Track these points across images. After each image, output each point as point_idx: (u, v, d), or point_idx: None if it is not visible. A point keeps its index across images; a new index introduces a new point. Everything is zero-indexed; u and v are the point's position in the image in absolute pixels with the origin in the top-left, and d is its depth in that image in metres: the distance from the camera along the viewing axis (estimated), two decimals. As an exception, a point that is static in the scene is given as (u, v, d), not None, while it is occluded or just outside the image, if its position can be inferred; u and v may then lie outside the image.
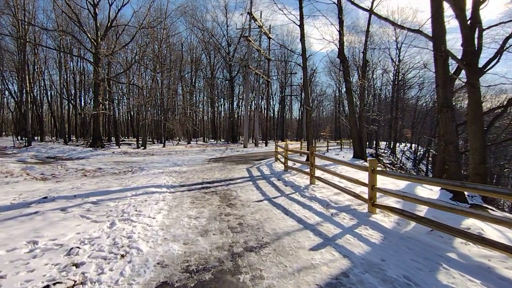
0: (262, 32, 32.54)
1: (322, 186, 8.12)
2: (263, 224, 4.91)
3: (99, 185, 7.95)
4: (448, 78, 7.44)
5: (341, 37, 16.76)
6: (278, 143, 15.01)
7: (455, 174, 7.12)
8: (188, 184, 8.55)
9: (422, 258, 3.73)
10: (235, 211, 5.68)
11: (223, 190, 7.77)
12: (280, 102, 59.16)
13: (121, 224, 4.55)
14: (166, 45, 33.51)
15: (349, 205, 6.22)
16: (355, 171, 10.62)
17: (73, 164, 12.84)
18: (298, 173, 10.50)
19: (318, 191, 7.68)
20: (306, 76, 13.29)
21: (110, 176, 9.92)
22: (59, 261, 3.25)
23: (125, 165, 13.12)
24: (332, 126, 62.90)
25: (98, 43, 23.51)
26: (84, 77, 39.15)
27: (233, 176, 10.20)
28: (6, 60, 36.32)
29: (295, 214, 5.59)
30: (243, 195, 7.18)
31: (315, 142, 29.45)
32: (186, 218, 5.07)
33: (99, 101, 23.83)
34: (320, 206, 6.23)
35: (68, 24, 30.32)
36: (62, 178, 9.41)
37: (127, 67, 28.31)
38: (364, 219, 5.31)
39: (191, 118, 43.28)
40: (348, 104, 17.06)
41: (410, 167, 38.95)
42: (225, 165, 13.52)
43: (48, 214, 4.94)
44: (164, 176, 9.68)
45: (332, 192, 7.41)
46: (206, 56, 45.69)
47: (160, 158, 16.72)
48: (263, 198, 6.87)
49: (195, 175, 10.21)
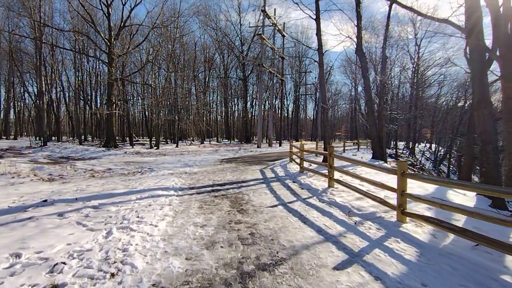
0: (276, 30, 31.90)
1: (342, 189, 7.46)
2: (278, 234, 4.32)
3: (104, 187, 7.56)
4: (485, 72, 6.65)
5: (359, 32, 15.96)
6: (292, 143, 14.39)
7: (494, 178, 6.33)
8: (198, 186, 8.06)
9: (473, 283, 3.05)
10: (247, 218, 5.12)
11: (234, 193, 7.23)
12: (294, 102, 58.36)
13: (119, 233, 4.06)
14: (180, 45, 33.39)
15: (374, 212, 5.55)
16: (376, 173, 9.88)
17: (84, 165, 12.61)
18: (314, 175, 9.87)
19: (337, 195, 7.03)
20: (322, 72, 12.61)
21: (118, 177, 9.56)
22: (38, 280, 2.77)
23: (135, 166, 12.80)
24: (347, 126, 61.58)
25: (111, 43, 23.49)
26: (100, 78, 39.58)
27: (246, 178, 9.65)
28: (25, 63, 37.21)
29: (314, 222, 4.97)
30: (256, 199, 6.62)
31: (330, 142, 28.59)
32: (192, 226, 4.55)
33: (113, 101, 23.81)
34: (342, 213, 5.59)
35: (83, 25, 30.60)
36: (69, 179, 9.11)
37: (141, 67, 28.27)
38: (393, 229, 4.64)
39: (204, 118, 43.13)
40: (366, 102, 16.23)
41: (430, 167, 37.45)
42: (238, 166, 13.00)
43: (43, 220, 4.52)
44: (173, 178, 9.23)
45: (354, 197, 6.75)
46: (219, 55, 45.45)
47: (171, 159, 16.38)
48: (278, 203, 6.28)
49: (206, 177, 9.73)
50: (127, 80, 27.96)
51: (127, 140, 35.05)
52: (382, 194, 6.75)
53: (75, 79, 35.26)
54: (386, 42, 16.60)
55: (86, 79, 38.81)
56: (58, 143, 28.70)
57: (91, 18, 23.13)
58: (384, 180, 8.05)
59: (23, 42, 36.98)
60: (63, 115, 48.09)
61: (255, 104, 48.40)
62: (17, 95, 42.46)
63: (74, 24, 30.29)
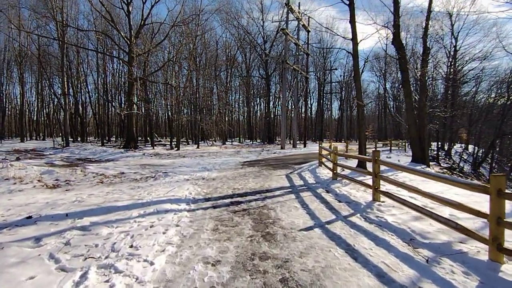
0: (301, 25, 30.34)
1: (390, 204, 5.99)
2: (322, 282, 2.98)
3: (107, 197, 6.53)
4: None
5: (396, 20, 14.21)
6: (322, 145, 12.96)
7: None
8: (215, 197, 6.85)
9: None
10: (275, 249, 3.82)
11: (257, 207, 5.96)
12: (318, 101, 56.36)
13: (97, 277, 2.89)
14: (201, 43, 32.65)
15: (447, 242, 4.07)
16: (423, 180, 8.30)
17: (97, 168, 11.82)
18: (350, 183, 8.42)
19: (387, 212, 5.58)
20: (357, 64, 11.04)
21: (127, 183, 8.57)
22: None
23: (150, 169, 11.86)
24: (374, 126, 58.62)
25: (131, 41, 22.97)
26: (122, 78, 39.75)
27: (270, 185, 8.36)
28: (53, 65, 37.93)
29: (369, 258, 3.59)
30: (285, 216, 5.31)
31: (347, 142, 26.69)
32: (201, 264, 3.31)
33: (133, 101, 23.28)
34: (401, 241, 4.16)
35: (106, 26, 30.51)
36: (75, 185, 8.22)
37: (161, 66, 27.72)
38: (490, 275, 3.17)
39: (226, 118, 42.27)
40: (405, 99, 14.43)
41: (469, 170, 34.50)
42: (261, 170, 11.74)
43: (8, 250, 3.46)
44: (187, 185, 8.11)
45: (409, 216, 5.28)
46: (241, 54, 44.45)
47: (190, 161, 15.39)
48: (313, 224, 4.94)
49: (225, 184, 8.53)
50: (147, 79, 27.48)
51: (150, 141, 34.78)
52: (447, 213, 5.25)
53: (98, 80, 35.47)
54: (427, 30, 14.69)
55: (110, 80, 39.04)
56: (81, 144, 28.74)
57: (111, 16, 22.71)
58: (438, 191, 6.50)
59: (51, 45, 37.84)
60: (90, 115, 48.96)
61: (278, 104, 46.99)
62: (46, 97, 43.58)
63: (97, 25, 30.30)
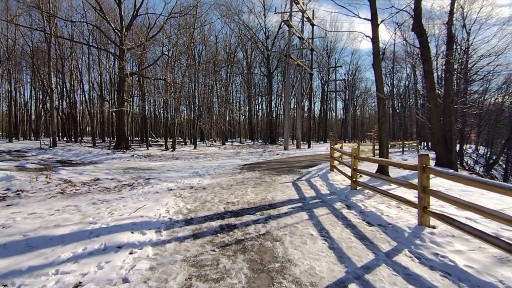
0: (305, 18, 28.51)
1: (447, 231, 4.16)
2: None
3: (50, 219, 4.73)
4: None
5: (417, 3, 12.42)
6: (333, 146, 11.14)
7: None
8: (200, 217, 5.04)
9: None
10: None
11: (257, 236, 4.15)
12: (321, 100, 54.52)
13: None
14: (200, 37, 30.85)
15: None
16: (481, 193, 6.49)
17: (70, 172, 10.02)
18: (375, 194, 6.55)
19: (448, 246, 3.77)
20: (378, 50, 9.18)
21: (93, 195, 6.76)
22: None
23: (132, 175, 10.07)
24: (379, 126, 56.70)
25: (122, 34, 21.17)
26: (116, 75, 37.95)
27: (274, 198, 6.54)
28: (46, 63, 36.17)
29: None
30: (298, 255, 3.50)
31: (358, 142, 24.85)
32: None
33: (124, 97, 21.46)
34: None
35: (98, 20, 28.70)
36: (24, 198, 6.43)
37: (155, 60, 25.94)
38: None
39: (226, 116, 40.43)
40: (428, 93, 12.57)
41: (481, 172, 32.80)
42: (262, 175, 9.93)
43: None
44: (168, 198, 6.31)
45: (486, 255, 3.47)
46: (241, 50, 42.58)
47: (182, 164, 13.59)
48: (345, 272, 3.12)
49: (217, 196, 6.72)
50: (140, 75, 25.69)
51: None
52: None
53: (90, 77, 33.73)
54: (453, 15, 12.83)
55: (106, 77, 37.19)
56: (71, 144, 26.99)
57: (99, 6, 20.88)
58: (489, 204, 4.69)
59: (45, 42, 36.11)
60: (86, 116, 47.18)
61: (280, 103, 45.11)
62: (39, 96, 41.84)
63: (89, 19, 28.57)
